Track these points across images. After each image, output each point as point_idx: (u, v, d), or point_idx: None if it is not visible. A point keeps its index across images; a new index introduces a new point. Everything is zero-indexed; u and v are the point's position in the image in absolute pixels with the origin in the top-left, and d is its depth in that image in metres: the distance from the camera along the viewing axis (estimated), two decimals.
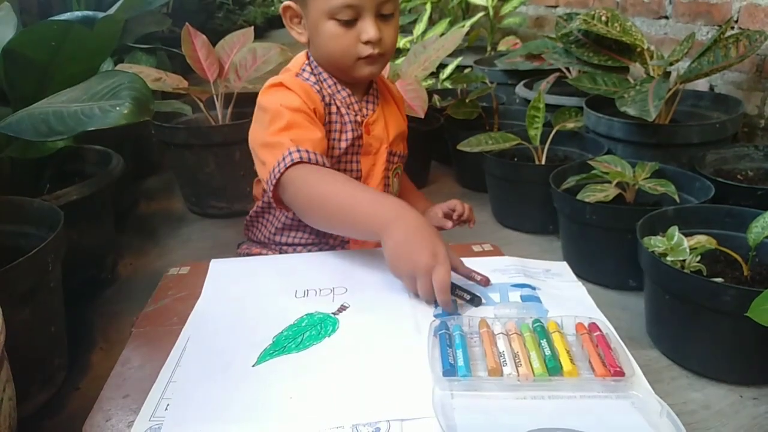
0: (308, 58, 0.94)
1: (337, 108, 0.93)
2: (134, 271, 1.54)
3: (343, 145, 0.93)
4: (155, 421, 0.55)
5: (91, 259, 1.40)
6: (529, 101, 1.72)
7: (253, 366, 0.62)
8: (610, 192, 1.32)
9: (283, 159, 0.81)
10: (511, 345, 0.62)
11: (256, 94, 0.91)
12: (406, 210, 0.74)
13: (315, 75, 0.93)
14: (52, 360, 1.07)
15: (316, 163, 0.82)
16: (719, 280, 1.04)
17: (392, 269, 0.73)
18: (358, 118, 0.94)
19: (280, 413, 0.55)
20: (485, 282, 0.77)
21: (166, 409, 0.56)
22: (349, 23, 0.85)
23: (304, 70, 0.93)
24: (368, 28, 0.85)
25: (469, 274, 0.77)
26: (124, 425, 0.55)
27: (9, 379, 0.68)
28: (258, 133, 0.88)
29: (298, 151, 0.82)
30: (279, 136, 0.84)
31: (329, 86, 0.93)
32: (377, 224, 0.74)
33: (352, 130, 0.93)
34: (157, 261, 1.59)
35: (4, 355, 0.66)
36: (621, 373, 0.58)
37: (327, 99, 0.92)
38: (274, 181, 0.82)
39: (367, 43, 0.86)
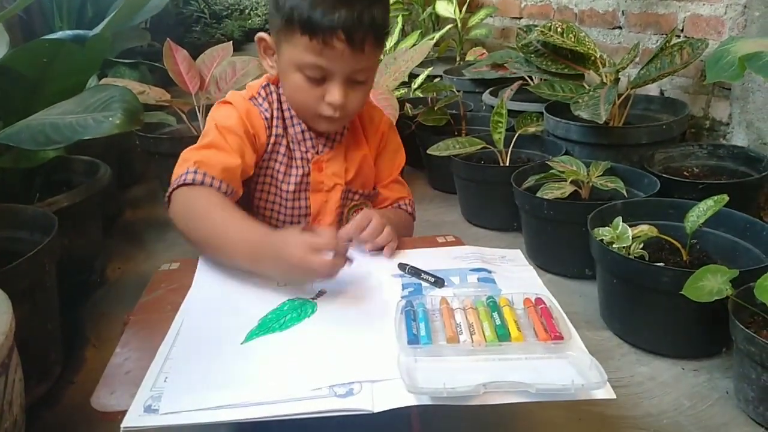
0: (269, 85, 0.94)
1: (288, 143, 0.94)
2: (122, 275, 1.61)
3: (293, 180, 0.95)
4: (155, 391, 0.62)
5: (81, 264, 1.46)
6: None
7: (241, 344, 0.70)
8: (566, 189, 1.43)
9: (179, 177, 0.84)
10: (467, 317, 0.72)
11: None
12: (268, 236, 0.77)
13: (271, 103, 0.94)
14: (48, 355, 1.13)
15: (210, 186, 0.84)
16: (660, 264, 1.16)
17: (289, 282, 0.78)
18: (309, 155, 0.95)
19: (266, 379, 0.63)
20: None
21: (165, 381, 0.64)
22: (317, 80, 0.85)
23: (259, 94, 0.94)
24: (334, 92, 0.85)
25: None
26: (128, 396, 0.61)
27: (19, 363, 0.75)
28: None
29: (195, 172, 0.84)
30: (192, 152, 0.87)
31: (287, 118, 0.94)
32: (242, 254, 0.78)
33: (301, 166, 0.95)
34: (143, 264, 1.65)
35: (14, 342, 0.73)
36: (560, 337, 0.68)
37: (277, 130, 0.93)
38: (167, 196, 0.86)
39: (329, 104, 0.86)
